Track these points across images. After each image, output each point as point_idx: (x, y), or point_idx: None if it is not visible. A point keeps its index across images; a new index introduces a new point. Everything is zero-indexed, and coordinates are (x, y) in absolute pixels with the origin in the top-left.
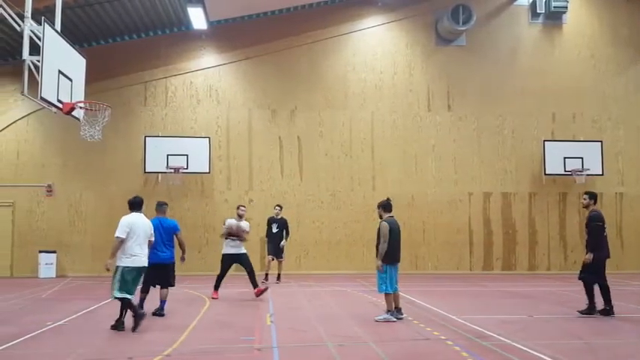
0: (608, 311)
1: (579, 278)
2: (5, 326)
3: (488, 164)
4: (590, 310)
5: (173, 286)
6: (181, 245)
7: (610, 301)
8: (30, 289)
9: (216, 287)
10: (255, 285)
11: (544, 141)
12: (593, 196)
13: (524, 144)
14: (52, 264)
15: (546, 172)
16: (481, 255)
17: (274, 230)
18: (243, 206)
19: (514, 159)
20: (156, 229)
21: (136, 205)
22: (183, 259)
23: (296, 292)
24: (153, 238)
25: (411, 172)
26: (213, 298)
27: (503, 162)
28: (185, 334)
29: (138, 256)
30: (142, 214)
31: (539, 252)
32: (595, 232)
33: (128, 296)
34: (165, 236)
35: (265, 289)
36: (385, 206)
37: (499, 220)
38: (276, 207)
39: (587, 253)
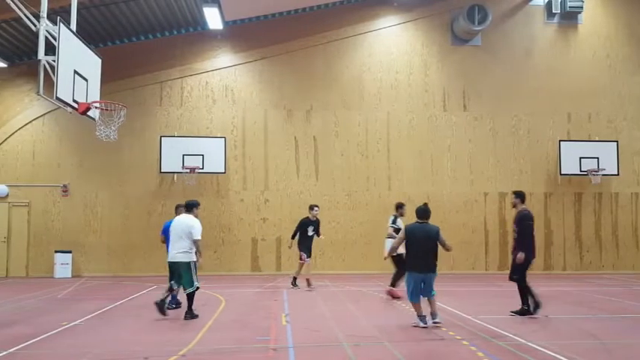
0: (525, 311)
1: (510, 279)
2: (21, 326)
3: (504, 164)
4: (534, 307)
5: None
6: None
7: (527, 301)
8: (45, 289)
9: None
10: (394, 283)
11: (559, 141)
12: (519, 195)
13: (540, 144)
14: (67, 264)
15: (562, 172)
16: (497, 255)
17: (310, 233)
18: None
19: (529, 159)
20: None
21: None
22: None
23: (312, 292)
24: (194, 237)
25: (427, 172)
26: (395, 297)
27: (519, 162)
28: (201, 334)
29: (169, 252)
30: (186, 215)
31: (555, 252)
32: (526, 231)
33: (169, 283)
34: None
35: (398, 297)
36: (415, 212)
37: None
38: (315, 208)
39: (514, 252)
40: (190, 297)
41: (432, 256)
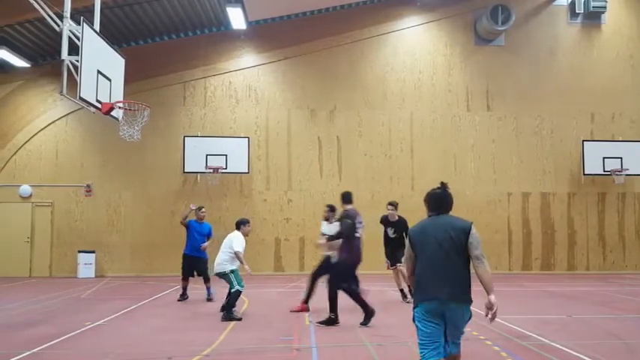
0: (332, 320)
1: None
2: (44, 326)
3: (527, 164)
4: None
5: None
6: None
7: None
8: (69, 289)
9: None
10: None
11: (583, 141)
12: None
13: (563, 144)
14: (90, 264)
15: (585, 173)
16: (520, 255)
17: (391, 236)
18: None
19: (553, 159)
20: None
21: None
22: None
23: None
24: (234, 249)
25: (450, 172)
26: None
27: (542, 162)
28: (224, 334)
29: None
30: (235, 232)
31: (578, 252)
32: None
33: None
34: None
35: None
36: (426, 200)
37: (538, 219)
38: (389, 206)
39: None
40: (232, 297)
41: (458, 272)
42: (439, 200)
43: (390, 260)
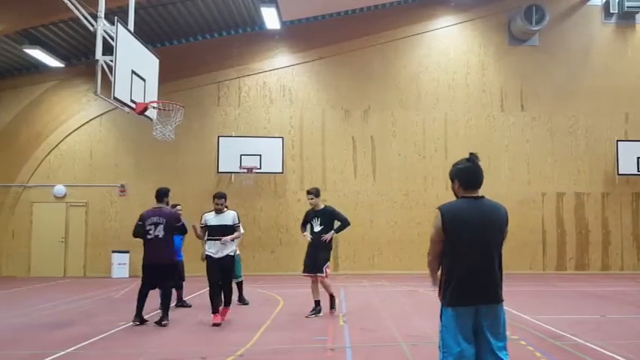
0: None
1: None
2: (78, 326)
3: (562, 164)
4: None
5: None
6: None
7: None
8: (103, 289)
9: None
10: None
11: (617, 141)
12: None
13: (598, 144)
14: (125, 264)
15: (619, 172)
16: (554, 255)
17: (316, 229)
18: None
19: (587, 159)
20: None
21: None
22: None
23: (369, 292)
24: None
25: (484, 172)
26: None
27: (577, 162)
28: (258, 334)
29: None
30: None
31: (613, 252)
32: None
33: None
34: None
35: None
36: (455, 173)
37: (572, 219)
38: (308, 195)
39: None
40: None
41: (497, 270)
42: (474, 176)
43: (310, 267)
